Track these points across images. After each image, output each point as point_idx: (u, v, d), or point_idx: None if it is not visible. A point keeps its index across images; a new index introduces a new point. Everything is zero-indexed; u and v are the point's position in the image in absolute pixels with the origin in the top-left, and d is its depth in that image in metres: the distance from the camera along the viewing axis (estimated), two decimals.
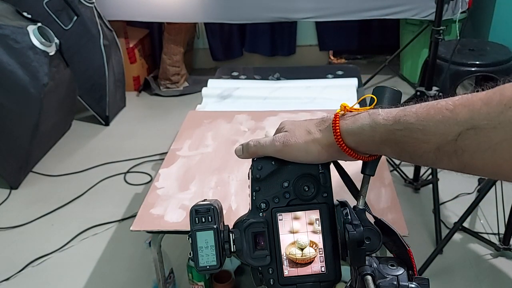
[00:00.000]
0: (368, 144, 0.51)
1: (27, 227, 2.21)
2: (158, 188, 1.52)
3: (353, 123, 0.51)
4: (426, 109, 0.46)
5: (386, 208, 1.37)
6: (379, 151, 0.52)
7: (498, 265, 1.90)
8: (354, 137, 0.51)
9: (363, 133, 0.50)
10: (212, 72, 2.82)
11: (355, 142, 0.51)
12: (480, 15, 3.17)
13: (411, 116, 0.47)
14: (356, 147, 0.51)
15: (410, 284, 0.47)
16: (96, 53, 2.89)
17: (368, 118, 0.50)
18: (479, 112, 0.42)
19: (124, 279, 1.91)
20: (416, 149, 0.47)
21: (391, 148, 0.49)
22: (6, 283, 1.91)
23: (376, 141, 0.49)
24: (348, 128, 0.51)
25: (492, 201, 1.88)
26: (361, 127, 0.50)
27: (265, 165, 0.54)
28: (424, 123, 0.46)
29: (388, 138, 0.48)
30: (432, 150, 0.46)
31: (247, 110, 1.98)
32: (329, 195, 0.54)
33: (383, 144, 0.49)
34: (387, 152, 0.51)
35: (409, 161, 0.50)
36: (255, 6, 3.12)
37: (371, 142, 0.50)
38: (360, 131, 0.50)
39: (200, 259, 0.52)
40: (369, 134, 0.50)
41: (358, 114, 0.52)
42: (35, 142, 2.50)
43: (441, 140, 0.45)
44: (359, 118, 0.51)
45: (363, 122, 0.50)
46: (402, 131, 0.47)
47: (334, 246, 0.53)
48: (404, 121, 0.47)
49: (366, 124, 0.50)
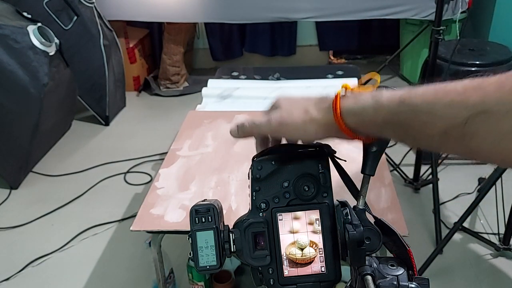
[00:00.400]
0: (369, 126, 0.49)
1: (27, 227, 2.21)
2: (158, 188, 1.52)
3: (355, 103, 0.49)
4: (433, 91, 0.44)
5: (386, 208, 1.37)
6: (380, 133, 0.50)
7: (498, 265, 1.90)
8: (355, 118, 0.49)
9: (365, 113, 0.48)
10: (212, 72, 2.82)
11: (356, 122, 0.49)
12: (480, 15, 3.16)
13: (417, 98, 0.45)
14: (357, 127, 0.50)
15: (410, 284, 0.47)
16: (96, 53, 2.89)
17: (371, 98, 0.48)
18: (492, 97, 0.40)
19: (124, 279, 1.91)
20: (420, 132, 0.45)
21: (393, 130, 0.48)
22: (6, 283, 1.91)
23: (378, 123, 0.48)
24: (350, 108, 0.50)
25: (492, 201, 1.88)
26: (363, 108, 0.48)
27: (265, 165, 0.54)
28: (431, 106, 0.44)
29: (391, 120, 0.47)
30: (438, 134, 0.44)
31: (247, 110, 1.98)
32: (329, 195, 0.54)
33: (386, 126, 0.48)
34: (389, 135, 0.49)
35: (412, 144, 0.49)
36: (255, 6, 3.12)
37: (373, 123, 0.48)
38: (362, 111, 0.49)
39: (200, 259, 0.52)
40: (371, 115, 0.48)
41: (360, 95, 0.50)
42: (35, 142, 2.50)
43: (448, 124, 0.43)
44: (362, 98, 0.49)
45: (365, 102, 0.49)
46: (407, 113, 0.45)
47: (334, 246, 0.53)
48: (409, 103, 0.45)
49: (369, 105, 0.48)
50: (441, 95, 0.44)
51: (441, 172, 2.36)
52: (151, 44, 3.71)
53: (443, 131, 0.43)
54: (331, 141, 0.55)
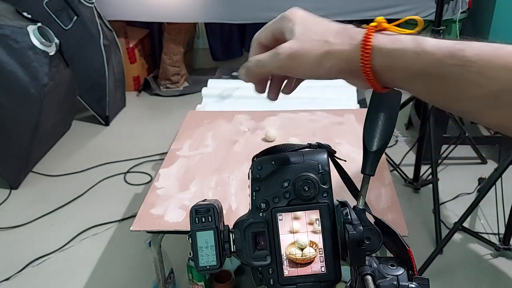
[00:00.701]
0: (399, 73, 0.43)
1: (27, 227, 2.21)
2: (158, 188, 1.52)
3: (391, 43, 0.42)
4: (491, 49, 0.39)
5: (386, 208, 1.37)
6: (409, 84, 0.43)
7: (498, 265, 1.90)
8: (387, 60, 0.42)
9: (402, 57, 0.42)
10: (212, 72, 2.82)
11: (385, 65, 0.43)
12: (480, 15, 3.16)
13: (472, 52, 0.39)
14: (381, 72, 0.43)
15: (410, 284, 0.47)
16: (96, 53, 2.89)
17: (411, 41, 0.42)
18: None
19: (124, 279, 1.91)
20: (462, 91, 0.40)
21: (427, 83, 0.42)
22: (6, 283, 1.91)
23: (412, 71, 0.42)
24: (383, 47, 0.42)
25: (492, 201, 1.88)
26: (402, 50, 0.42)
27: (265, 165, 0.54)
28: (487, 64, 0.39)
29: (431, 71, 0.41)
30: (486, 96, 0.39)
31: (247, 110, 1.98)
32: (329, 195, 0.54)
33: (420, 77, 0.42)
34: (417, 88, 0.43)
35: (441, 103, 0.43)
36: (255, 6, 3.12)
37: (406, 70, 0.42)
38: (398, 53, 0.42)
39: (200, 259, 0.52)
40: (408, 61, 0.41)
41: (398, 34, 0.43)
42: (35, 142, 2.50)
43: (503, 88, 0.38)
44: (401, 38, 0.43)
45: (405, 44, 0.42)
46: (455, 67, 0.40)
47: (334, 246, 0.53)
48: (460, 56, 0.40)
49: (409, 48, 0.41)
50: (501, 54, 0.39)
51: (441, 172, 2.36)
52: (151, 44, 3.71)
53: (493, 94, 0.39)
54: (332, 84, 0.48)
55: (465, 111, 0.42)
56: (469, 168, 2.47)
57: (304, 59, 0.45)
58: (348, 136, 1.73)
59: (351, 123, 1.85)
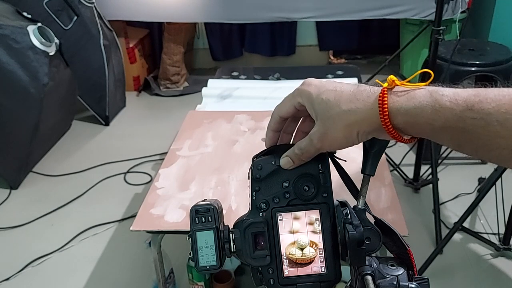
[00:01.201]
0: (423, 128, 0.42)
1: (27, 227, 2.21)
2: (158, 188, 1.52)
3: (407, 101, 0.42)
4: (509, 98, 0.38)
5: (386, 208, 1.37)
6: (434, 137, 0.43)
7: (498, 265, 1.90)
8: (407, 118, 0.43)
9: (421, 114, 0.42)
10: (212, 72, 2.82)
11: (407, 123, 0.43)
12: (480, 15, 3.16)
13: (489, 104, 0.39)
14: (405, 128, 0.43)
15: (410, 284, 0.47)
16: (96, 53, 2.89)
17: (428, 97, 0.42)
18: None
19: (124, 279, 1.91)
20: (488, 143, 0.39)
21: (452, 136, 0.41)
22: (6, 283, 1.91)
23: (435, 127, 0.41)
24: (401, 107, 0.43)
25: (492, 201, 1.88)
26: (420, 108, 0.42)
27: (265, 165, 0.54)
28: (507, 116, 0.38)
29: (453, 125, 0.40)
30: (508, 147, 0.39)
31: (247, 110, 1.98)
32: (329, 195, 0.54)
33: (444, 131, 0.41)
34: (445, 140, 0.43)
35: (471, 154, 0.42)
36: (255, 6, 3.12)
37: (429, 126, 0.42)
38: (417, 111, 0.42)
39: (200, 259, 0.52)
40: (429, 117, 0.41)
41: (413, 91, 0.43)
42: (35, 142, 2.50)
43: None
44: (416, 95, 0.42)
45: (421, 101, 0.42)
46: (476, 120, 0.39)
47: (334, 246, 0.53)
48: (479, 109, 0.39)
49: (427, 105, 0.41)
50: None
51: (441, 172, 2.36)
52: (151, 44, 3.71)
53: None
54: None
55: (498, 161, 0.41)
56: (469, 168, 2.47)
57: (333, 137, 0.48)
58: None
59: None
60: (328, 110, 0.47)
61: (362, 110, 0.45)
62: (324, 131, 0.48)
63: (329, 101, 0.47)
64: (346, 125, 0.46)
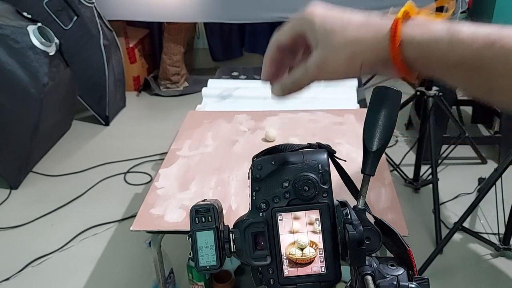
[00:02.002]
0: (434, 64, 0.39)
1: (27, 227, 2.21)
2: (158, 188, 1.52)
3: (422, 33, 0.39)
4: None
5: (386, 208, 1.37)
6: (445, 75, 0.40)
7: (498, 265, 1.90)
8: (419, 51, 0.39)
9: (435, 48, 0.39)
10: (212, 72, 2.82)
11: (418, 56, 0.40)
12: (480, 15, 3.16)
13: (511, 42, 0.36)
14: (414, 64, 0.40)
15: (410, 284, 0.47)
16: (96, 53, 2.89)
17: (445, 30, 0.38)
18: None
19: (124, 279, 1.91)
20: (505, 83, 0.37)
21: (466, 74, 0.38)
22: (6, 283, 1.91)
23: (449, 63, 0.38)
24: (413, 39, 0.39)
25: (492, 201, 1.88)
26: (434, 41, 0.38)
27: (265, 165, 0.54)
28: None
29: (469, 62, 0.37)
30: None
31: (247, 110, 1.98)
32: (329, 195, 0.54)
33: (458, 69, 0.38)
34: (456, 79, 0.40)
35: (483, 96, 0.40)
36: (255, 6, 3.12)
37: (441, 62, 0.39)
38: (430, 45, 0.39)
39: (200, 259, 0.52)
40: (443, 53, 0.38)
41: (430, 23, 0.40)
42: (35, 142, 2.50)
43: None
44: (432, 27, 0.39)
45: (438, 34, 0.38)
46: (496, 58, 0.36)
47: (334, 246, 0.53)
48: (501, 46, 0.36)
49: (442, 38, 0.38)
50: None
51: (441, 172, 2.36)
52: (151, 44, 3.72)
53: None
54: None
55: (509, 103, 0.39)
56: (469, 168, 2.47)
57: (333, 66, 0.44)
58: (348, 136, 1.73)
59: (351, 123, 1.85)
60: (332, 38, 0.43)
61: (370, 40, 0.42)
62: (324, 59, 0.44)
63: (333, 29, 0.43)
64: (350, 54, 0.43)
